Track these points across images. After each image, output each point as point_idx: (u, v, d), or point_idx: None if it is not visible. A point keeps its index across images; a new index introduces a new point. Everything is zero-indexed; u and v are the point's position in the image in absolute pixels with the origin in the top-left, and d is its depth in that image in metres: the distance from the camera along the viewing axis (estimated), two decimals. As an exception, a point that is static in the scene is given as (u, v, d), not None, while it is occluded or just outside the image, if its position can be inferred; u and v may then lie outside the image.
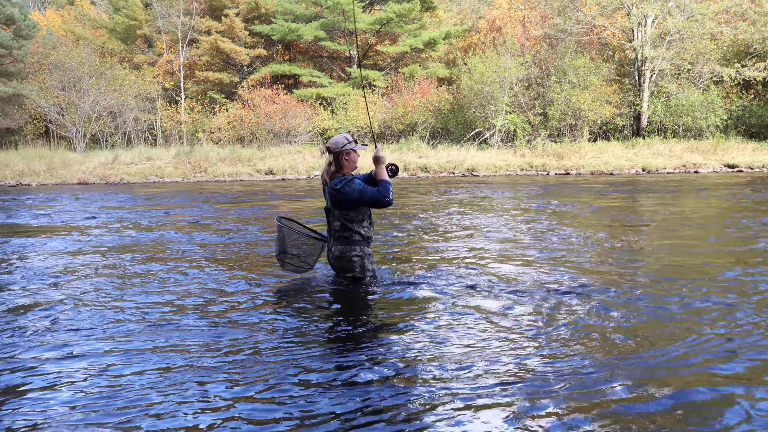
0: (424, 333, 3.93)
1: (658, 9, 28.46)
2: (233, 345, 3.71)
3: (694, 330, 3.89)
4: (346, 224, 4.89)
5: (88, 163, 24.58)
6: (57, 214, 11.57)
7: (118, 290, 5.16)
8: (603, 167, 24.18)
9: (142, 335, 3.92)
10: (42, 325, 4.16)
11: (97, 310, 4.50)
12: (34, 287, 5.37)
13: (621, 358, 3.41)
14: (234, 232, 8.75)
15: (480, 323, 4.09)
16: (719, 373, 3.20)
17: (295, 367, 3.33)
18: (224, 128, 32.17)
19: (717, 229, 8.40)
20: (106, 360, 3.48)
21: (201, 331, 4.00)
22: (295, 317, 4.32)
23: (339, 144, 4.84)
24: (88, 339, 3.86)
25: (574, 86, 28.86)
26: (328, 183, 4.88)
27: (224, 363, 3.42)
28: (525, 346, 3.64)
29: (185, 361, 3.45)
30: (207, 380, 3.17)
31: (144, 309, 4.55)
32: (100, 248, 7.40)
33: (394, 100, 32.40)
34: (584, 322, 4.07)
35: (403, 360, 3.44)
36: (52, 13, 50.35)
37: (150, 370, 3.31)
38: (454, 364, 3.36)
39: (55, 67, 31.34)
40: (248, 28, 35.70)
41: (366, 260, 5.00)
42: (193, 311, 4.48)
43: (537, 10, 34.83)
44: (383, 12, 33.78)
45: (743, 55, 29.48)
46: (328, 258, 5.10)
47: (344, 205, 4.81)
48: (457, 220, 9.67)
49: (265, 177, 23.94)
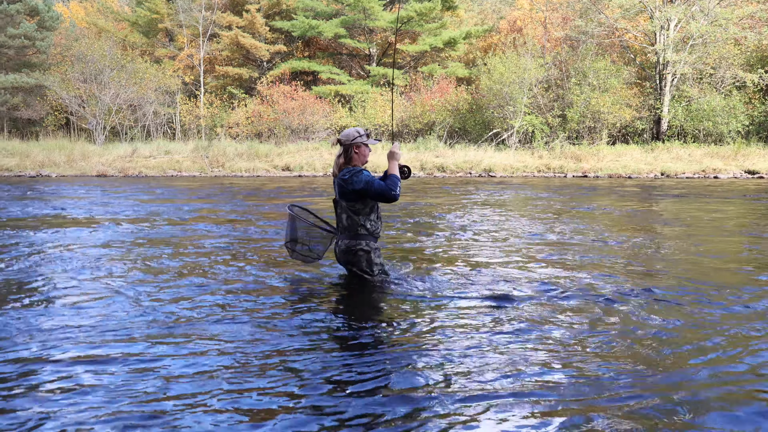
0: (430, 335, 3.91)
1: (681, 13, 28.19)
2: (230, 344, 3.72)
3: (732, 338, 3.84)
4: (352, 217, 4.87)
5: (107, 155, 24.80)
6: (82, 206, 11.67)
7: (137, 286, 5.20)
8: (621, 170, 24.00)
9: (154, 331, 3.94)
10: (68, 322, 4.20)
11: (119, 306, 4.54)
12: (62, 281, 5.42)
13: (651, 371, 3.37)
14: (251, 226, 8.78)
15: (492, 324, 4.07)
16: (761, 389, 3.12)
17: (289, 370, 3.33)
18: (242, 123, 32.32)
19: (750, 236, 8.30)
20: (133, 353, 3.50)
21: (204, 330, 4.01)
22: (298, 314, 4.31)
23: (350, 137, 4.86)
24: (115, 335, 3.88)
25: (594, 89, 28.68)
26: (338, 174, 4.91)
27: (222, 366, 3.42)
28: (541, 352, 3.61)
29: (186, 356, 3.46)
30: (205, 381, 3.18)
31: (148, 305, 4.58)
32: (124, 242, 7.45)
33: (412, 99, 32.37)
34: (611, 328, 4.03)
35: (410, 364, 3.43)
36: (76, 5, 50.83)
37: (154, 368, 3.33)
38: (462, 367, 3.34)
39: (77, 59, 31.64)
40: (269, 24, 35.82)
41: (373, 254, 4.96)
42: (197, 308, 4.50)
43: (558, 12, 34.64)
44: (404, 10, 33.76)
45: (767, 60, 29.13)
46: (335, 252, 5.10)
47: (351, 195, 4.80)
48: (473, 220, 9.64)
49: (282, 173, 24.02)
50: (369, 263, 4.96)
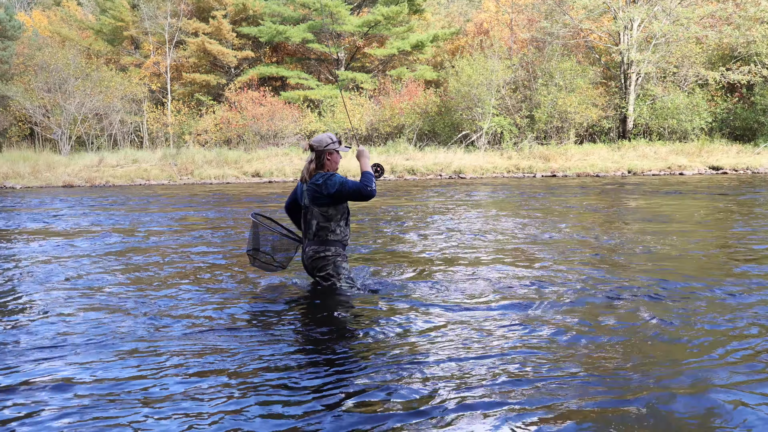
0: (401, 338, 3.91)
1: (644, 13, 28.66)
2: (195, 358, 3.68)
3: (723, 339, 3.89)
4: (322, 224, 4.81)
5: (73, 165, 24.39)
6: (48, 218, 11.47)
7: (108, 299, 5.12)
8: (589, 169, 24.28)
9: (117, 347, 3.89)
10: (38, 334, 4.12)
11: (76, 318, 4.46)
12: (30, 296, 5.32)
13: (646, 365, 3.40)
14: (219, 231, 8.71)
15: (465, 329, 4.08)
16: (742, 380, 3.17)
17: (265, 381, 3.30)
18: (211, 130, 32.05)
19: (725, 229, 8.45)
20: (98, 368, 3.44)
21: (172, 340, 3.97)
22: (266, 325, 4.27)
23: (323, 143, 4.80)
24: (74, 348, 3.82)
25: (560, 89, 29.00)
26: (308, 180, 4.83)
27: (189, 382, 3.39)
28: (519, 349, 3.63)
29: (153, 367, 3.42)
30: (173, 392, 3.14)
31: (103, 320, 4.51)
32: (87, 254, 7.34)
33: (381, 103, 32.41)
34: (597, 328, 4.06)
35: (383, 371, 3.42)
36: (38, 14, 50.00)
37: (110, 379, 3.28)
38: (438, 370, 3.34)
39: (41, 69, 31.09)
40: (236, 30, 35.59)
41: (340, 259, 4.91)
42: (163, 319, 4.44)
43: (524, 14, 34.96)
44: (371, 14, 33.80)
45: (728, 58, 29.74)
46: (303, 260, 5.03)
47: (324, 200, 4.74)
48: (445, 222, 9.68)
49: (251, 179, 23.86)
50: (335, 267, 4.89)
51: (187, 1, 36.09)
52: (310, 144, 4.83)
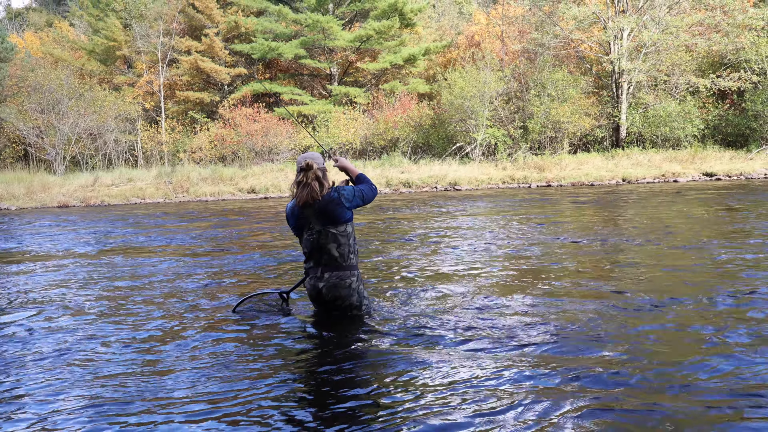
0: (435, 365, 3.90)
1: (633, 22, 28.88)
2: (220, 391, 3.65)
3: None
4: (342, 245, 4.40)
5: (68, 185, 24.35)
6: (43, 240, 11.44)
7: (97, 322, 5.11)
8: (584, 178, 24.36)
9: (119, 369, 3.87)
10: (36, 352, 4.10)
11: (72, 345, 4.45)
12: (23, 320, 5.30)
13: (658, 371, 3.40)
14: (224, 255, 8.70)
15: (502, 354, 4.07)
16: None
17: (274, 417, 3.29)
18: (205, 148, 32.07)
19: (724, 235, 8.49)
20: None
21: (187, 371, 3.96)
22: (283, 356, 4.26)
23: (320, 160, 4.47)
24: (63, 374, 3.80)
25: (553, 99, 29.14)
26: (320, 199, 4.35)
27: (213, 409, 3.38)
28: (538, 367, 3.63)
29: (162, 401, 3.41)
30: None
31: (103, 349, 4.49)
32: (88, 277, 7.32)
33: (375, 117, 32.51)
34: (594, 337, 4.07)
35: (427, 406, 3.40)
36: (31, 36, 50.10)
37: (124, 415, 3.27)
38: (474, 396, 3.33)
39: (34, 90, 31.11)
40: (228, 48, 35.73)
41: (362, 287, 4.56)
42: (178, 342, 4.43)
43: (515, 26, 35.19)
44: (363, 29, 33.98)
45: (718, 65, 29.95)
46: (315, 291, 4.48)
47: (343, 216, 4.37)
48: (443, 234, 9.68)
49: (247, 196, 23.86)
50: (359, 296, 4.51)
51: (179, 20, 36.23)
52: (312, 163, 4.37)
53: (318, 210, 4.36)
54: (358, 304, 4.49)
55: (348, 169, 4.63)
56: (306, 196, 4.34)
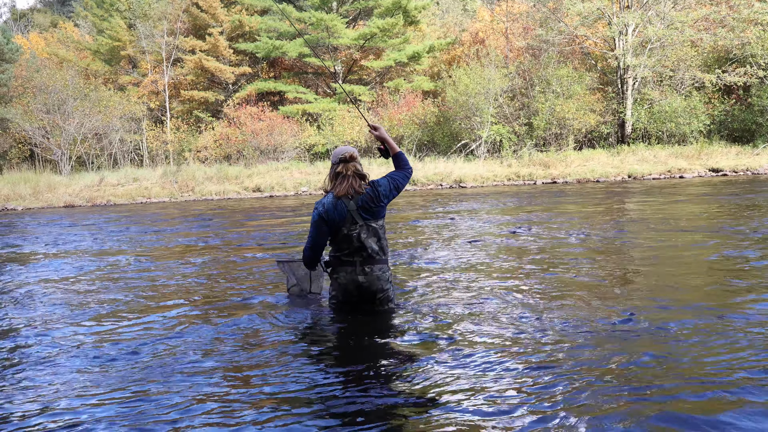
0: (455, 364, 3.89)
1: (638, 18, 28.78)
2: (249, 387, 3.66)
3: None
4: (381, 239, 4.33)
5: (74, 185, 24.43)
6: (49, 240, 11.48)
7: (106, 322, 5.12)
8: (589, 175, 24.31)
9: (137, 371, 3.87)
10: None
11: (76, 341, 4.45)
12: (29, 324, 5.31)
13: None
14: (231, 254, 8.70)
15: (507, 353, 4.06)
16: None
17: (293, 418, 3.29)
18: (211, 147, 32.13)
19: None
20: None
21: (215, 372, 3.96)
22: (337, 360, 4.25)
23: (358, 155, 4.43)
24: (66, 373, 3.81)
25: (558, 96, 29.08)
26: (363, 193, 4.27)
27: (246, 404, 3.38)
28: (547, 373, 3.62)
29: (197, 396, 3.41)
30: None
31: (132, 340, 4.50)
32: (95, 277, 7.34)
33: (380, 114, 32.51)
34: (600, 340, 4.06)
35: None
36: (36, 37, 50.28)
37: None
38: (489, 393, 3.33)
39: (39, 90, 31.23)
40: (232, 47, 35.77)
41: (392, 279, 4.52)
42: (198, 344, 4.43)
43: (519, 22, 35.11)
44: (367, 27, 33.96)
45: (723, 60, 29.84)
46: (355, 285, 4.32)
47: (383, 209, 4.33)
48: (457, 234, 9.67)
49: (252, 194, 23.88)
50: (394, 290, 4.50)
51: (183, 20, 36.30)
52: (350, 155, 4.33)
53: (360, 204, 4.26)
54: (393, 297, 4.45)
55: (387, 141, 4.55)
56: (347, 188, 4.26)
